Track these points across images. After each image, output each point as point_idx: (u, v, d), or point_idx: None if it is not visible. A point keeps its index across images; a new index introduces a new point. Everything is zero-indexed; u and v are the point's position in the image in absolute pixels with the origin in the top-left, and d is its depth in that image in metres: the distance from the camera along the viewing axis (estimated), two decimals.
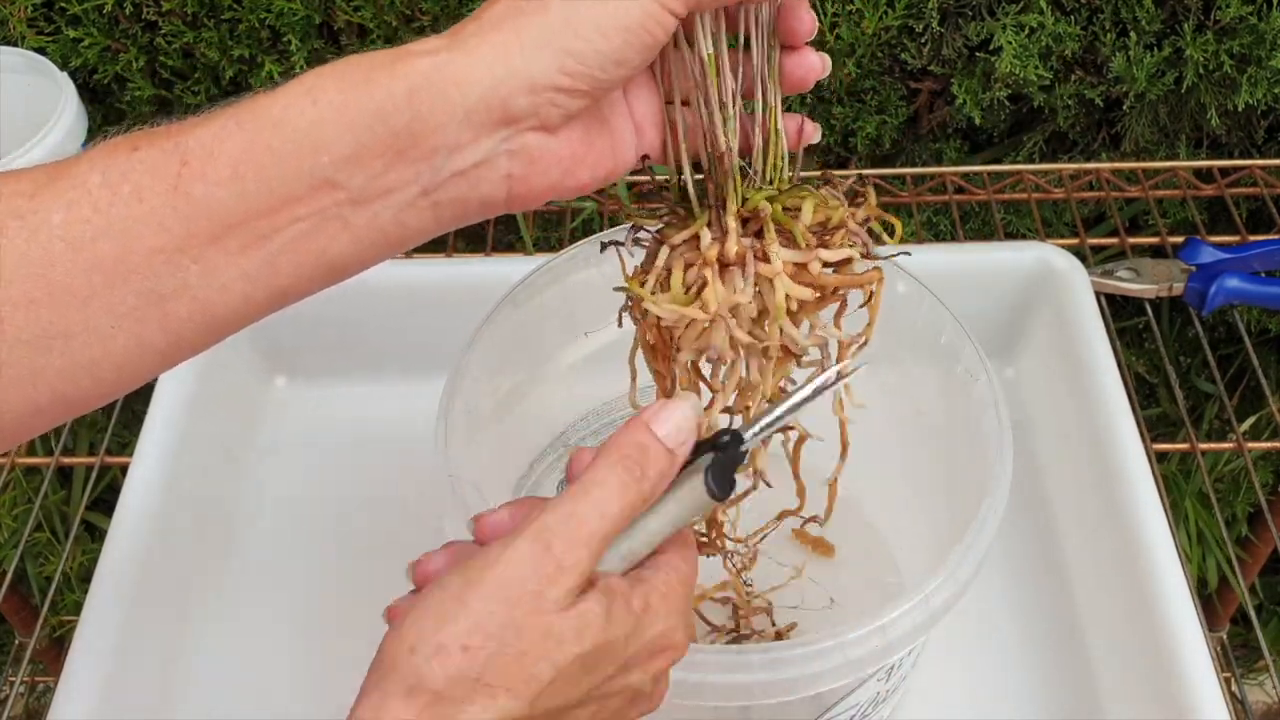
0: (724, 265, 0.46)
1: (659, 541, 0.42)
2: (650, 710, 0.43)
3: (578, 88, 0.40)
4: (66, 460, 0.83)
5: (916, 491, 0.68)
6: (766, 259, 0.46)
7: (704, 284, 0.46)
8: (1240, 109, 0.89)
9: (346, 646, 0.71)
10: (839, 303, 0.50)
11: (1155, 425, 1.10)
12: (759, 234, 0.46)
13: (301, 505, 0.78)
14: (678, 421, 0.42)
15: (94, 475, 0.81)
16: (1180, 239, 0.87)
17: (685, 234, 0.47)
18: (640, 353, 0.52)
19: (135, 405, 0.83)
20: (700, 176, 0.47)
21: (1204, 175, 0.95)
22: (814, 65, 0.47)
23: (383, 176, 0.39)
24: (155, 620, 0.68)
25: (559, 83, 0.40)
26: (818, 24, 0.47)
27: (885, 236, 0.51)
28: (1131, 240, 0.91)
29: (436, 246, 1.03)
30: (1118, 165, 0.94)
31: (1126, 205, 0.99)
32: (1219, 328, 1.05)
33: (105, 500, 1.06)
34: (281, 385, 0.85)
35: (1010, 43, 0.87)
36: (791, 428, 0.54)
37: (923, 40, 0.90)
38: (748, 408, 0.51)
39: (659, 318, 0.47)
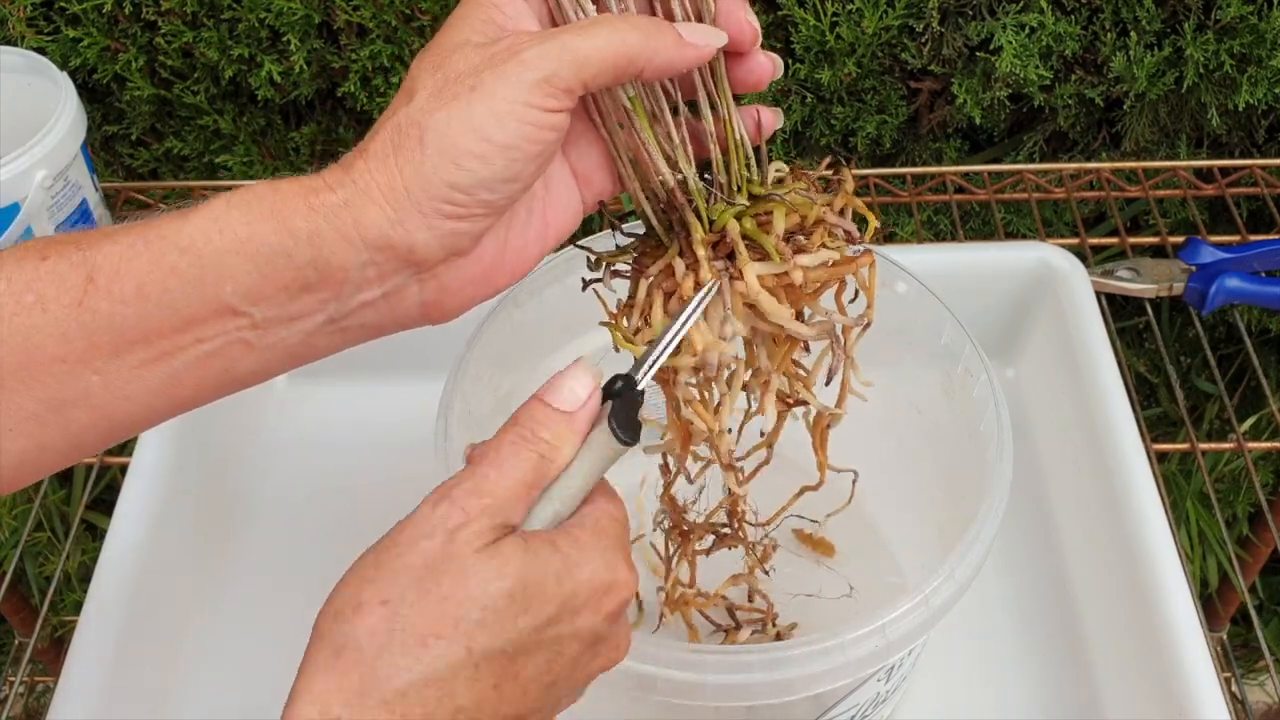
0: None
1: (581, 498, 0.42)
2: (618, 659, 0.43)
3: (475, 213, 0.40)
4: None
5: (916, 491, 0.68)
6: (743, 278, 0.45)
7: None
8: (1240, 109, 0.89)
9: None
10: (838, 283, 0.50)
11: (1155, 425, 1.10)
12: (732, 255, 0.46)
13: (301, 505, 0.78)
14: (569, 386, 0.42)
15: (94, 475, 0.81)
16: (1180, 239, 0.87)
17: (659, 265, 0.47)
18: None
19: None
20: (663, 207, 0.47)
21: (1204, 175, 0.95)
22: (763, 67, 0.46)
23: (287, 306, 0.39)
24: (155, 620, 0.68)
25: (454, 212, 0.39)
26: (758, 28, 0.46)
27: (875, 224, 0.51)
28: (1132, 240, 0.91)
29: None
30: (1118, 165, 0.94)
31: (1127, 205, 0.99)
32: (1219, 328, 1.05)
33: (105, 500, 1.06)
34: (281, 385, 0.85)
35: (1010, 42, 0.87)
36: (805, 402, 0.53)
37: (923, 40, 0.90)
38: (766, 393, 0.51)
39: None
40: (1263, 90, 0.88)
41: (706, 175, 0.47)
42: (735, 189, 0.47)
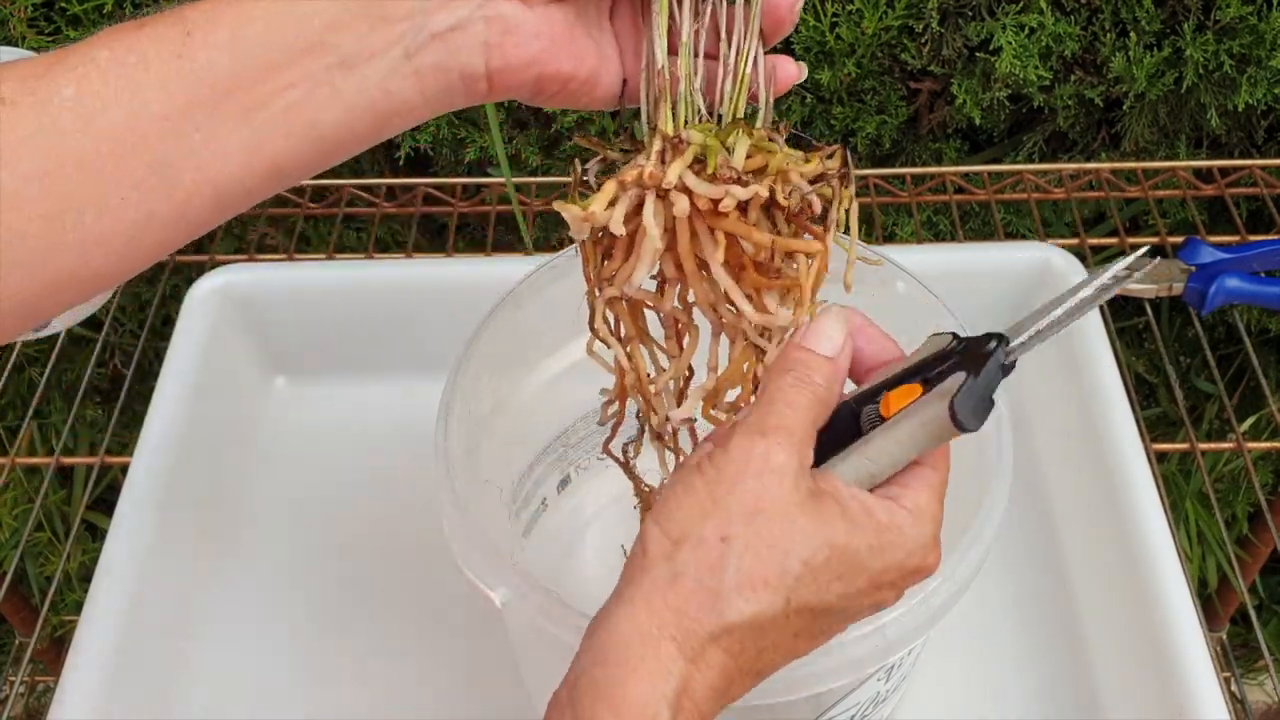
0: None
1: (900, 466, 0.43)
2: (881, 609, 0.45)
3: None
4: (67, 460, 0.83)
5: None
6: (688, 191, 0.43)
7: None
8: (1240, 109, 0.89)
9: (346, 645, 0.71)
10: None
11: (1155, 425, 1.10)
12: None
13: (301, 505, 0.78)
14: (827, 333, 0.44)
15: (94, 475, 0.81)
16: (1180, 239, 0.87)
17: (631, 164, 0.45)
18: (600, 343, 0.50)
19: (135, 405, 0.83)
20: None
21: (1204, 175, 0.95)
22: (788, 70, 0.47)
23: (367, 38, 0.41)
24: (155, 620, 0.68)
25: None
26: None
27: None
28: (1131, 240, 0.91)
29: (437, 247, 1.03)
30: (1118, 165, 0.94)
31: (1126, 205, 0.99)
32: (1219, 328, 1.05)
33: (105, 500, 1.06)
34: (281, 385, 0.85)
35: (1010, 43, 0.87)
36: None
37: (923, 40, 0.90)
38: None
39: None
40: (1262, 90, 0.88)
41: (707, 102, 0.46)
42: (730, 117, 0.46)
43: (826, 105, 0.94)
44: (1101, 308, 0.78)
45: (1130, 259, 0.44)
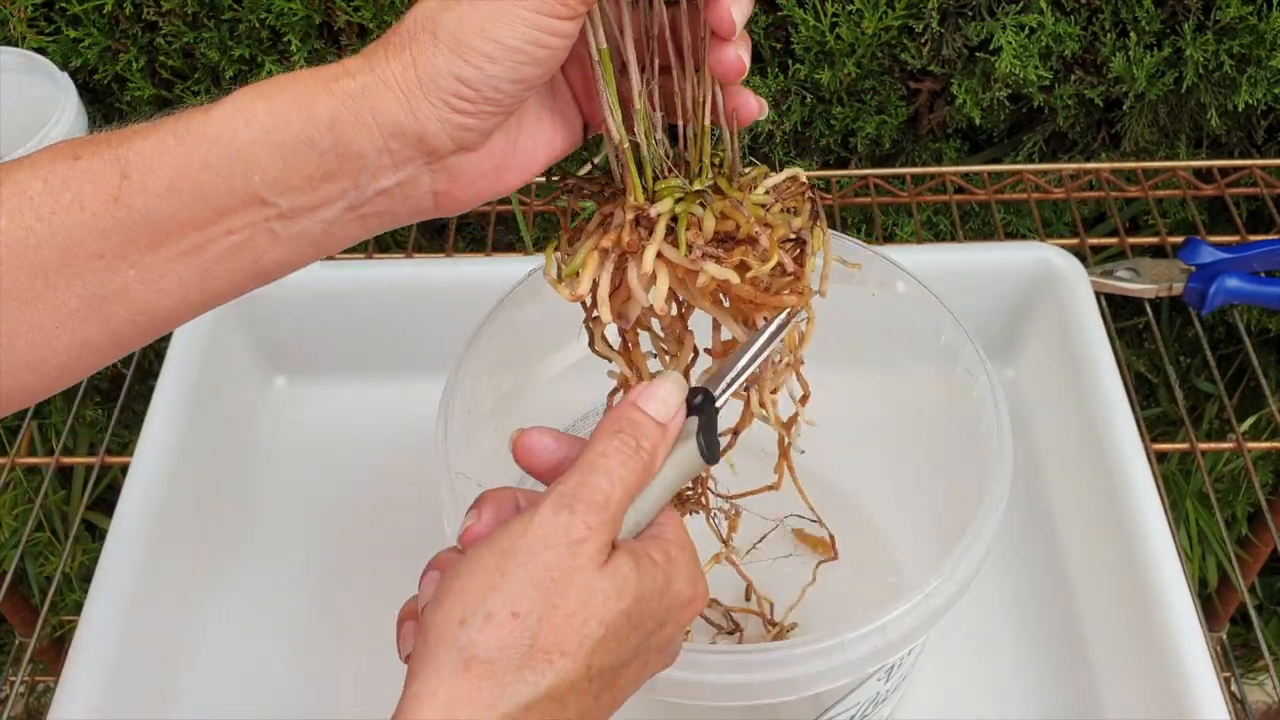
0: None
1: (659, 509, 0.43)
2: (670, 663, 0.45)
3: (483, 110, 0.41)
4: (67, 460, 0.83)
5: (916, 491, 0.68)
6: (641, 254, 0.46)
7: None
8: (1240, 109, 0.89)
9: (346, 645, 0.71)
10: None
11: (1155, 425, 1.10)
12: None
13: (301, 505, 0.78)
14: (662, 397, 0.43)
15: (94, 475, 0.81)
16: (1180, 239, 0.87)
17: (602, 212, 0.47)
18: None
19: (135, 405, 0.83)
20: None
21: (1204, 175, 0.95)
22: (749, 106, 0.46)
23: (310, 195, 0.41)
24: (155, 620, 0.68)
25: (461, 106, 0.40)
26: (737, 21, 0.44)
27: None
28: (1131, 240, 0.91)
29: (436, 246, 1.03)
30: (1118, 165, 0.94)
31: (1126, 205, 0.99)
32: (1219, 328, 1.05)
33: (105, 500, 1.06)
34: (281, 385, 0.85)
35: (1010, 43, 0.87)
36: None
37: (923, 40, 0.90)
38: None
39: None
40: (1262, 90, 0.88)
41: (672, 150, 0.47)
42: (699, 171, 0.47)
43: (826, 105, 0.94)
44: (1102, 308, 0.78)
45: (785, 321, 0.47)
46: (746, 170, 0.49)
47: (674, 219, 0.46)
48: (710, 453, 0.44)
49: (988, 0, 0.88)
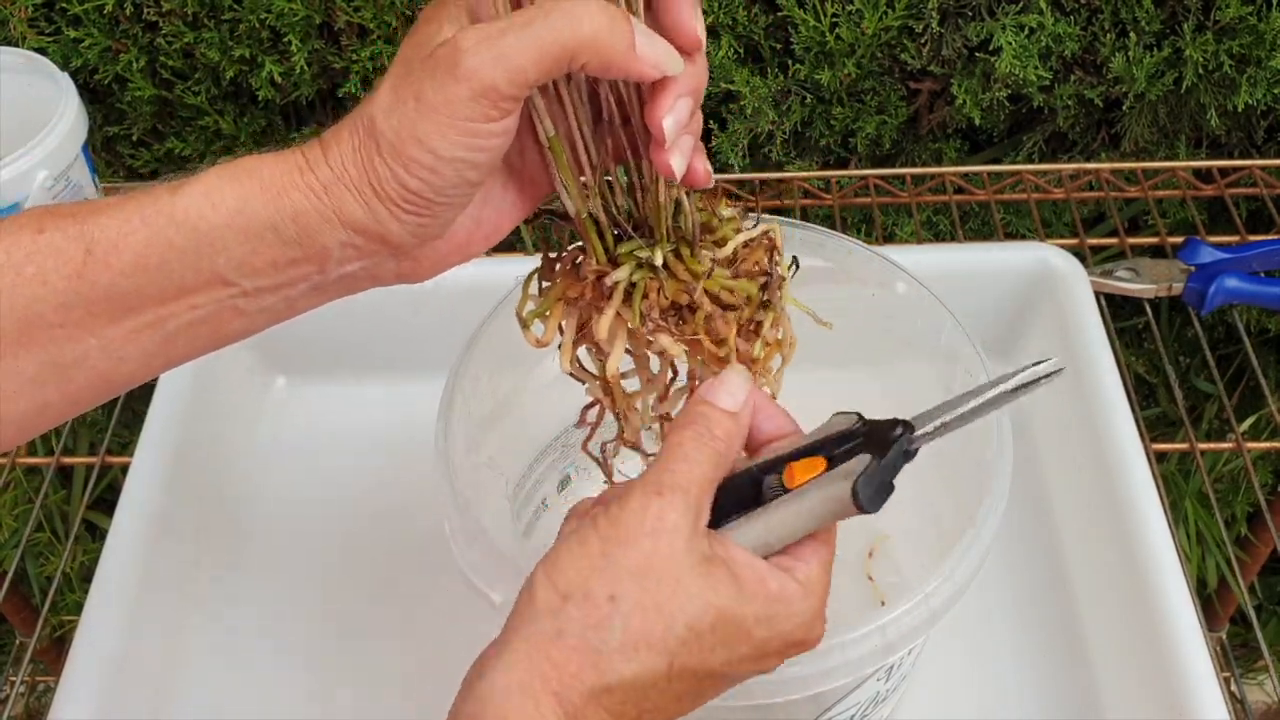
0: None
1: (797, 537, 0.43)
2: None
3: (437, 209, 0.41)
4: (67, 460, 0.83)
5: (916, 491, 0.68)
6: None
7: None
8: (1240, 109, 0.89)
9: (347, 644, 0.71)
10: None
11: (1155, 425, 1.10)
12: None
13: (301, 505, 0.78)
14: (730, 389, 0.44)
15: (94, 475, 0.81)
16: (1180, 239, 0.87)
17: (573, 253, 0.49)
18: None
19: (135, 405, 0.83)
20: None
21: (1204, 175, 0.95)
22: (696, 173, 0.45)
23: (274, 277, 0.41)
24: (156, 620, 0.68)
25: (416, 210, 0.40)
26: (703, 37, 0.43)
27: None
28: (1131, 240, 0.91)
29: None
30: (1117, 165, 0.94)
31: (1126, 205, 1.00)
32: (1218, 328, 1.05)
33: (106, 500, 1.06)
34: (281, 385, 0.85)
35: (1010, 43, 0.87)
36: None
37: (923, 40, 0.90)
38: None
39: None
40: (1262, 91, 0.88)
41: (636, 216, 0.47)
42: (662, 236, 0.47)
43: (826, 105, 0.94)
44: (1101, 308, 0.78)
45: (1048, 368, 0.44)
46: (722, 219, 0.49)
47: (632, 286, 0.47)
48: (867, 498, 0.41)
49: (988, 0, 0.88)
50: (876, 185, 0.94)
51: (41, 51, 0.89)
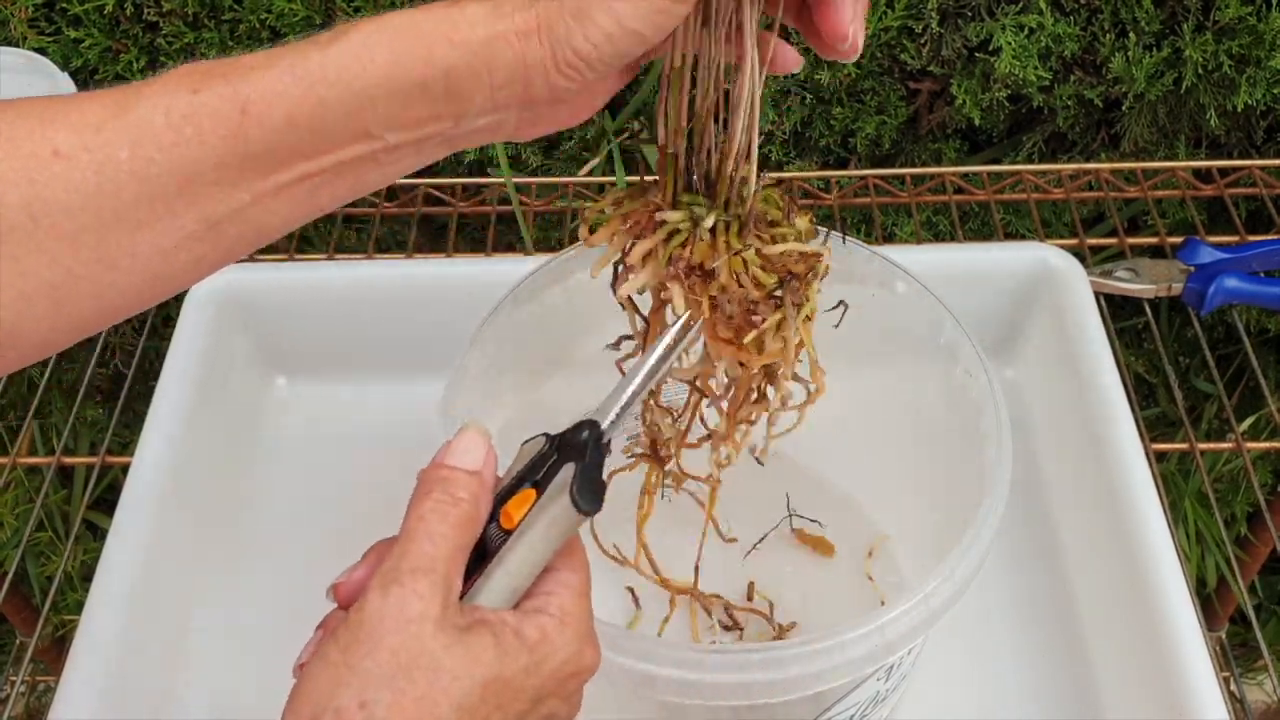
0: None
1: (539, 570, 0.42)
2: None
3: (586, 77, 0.42)
4: (68, 460, 0.83)
5: (916, 491, 0.68)
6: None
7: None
8: (1239, 109, 0.89)
9: None
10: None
11: (1154, 425, 1.10)
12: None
13: (302, 505, 0.78)
14: (465, 449, 0.44)
15: (95, 475, 0.81)
16: (1179, 239, 0.87)
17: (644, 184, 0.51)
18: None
19: (136, 405, 0.83)
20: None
21: (1203, 175, 0.95)
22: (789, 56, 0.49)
23: (415, 132, 0.42)
24: (156, 620, 0.68)
25: (571, 74, 0.42)
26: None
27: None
28: (1131, 240, 0.91)
29: (437, 247, 1.03)
30: (1117, 165, 0.94)
31: (1125, 205, 1.00)
32: (1218, 328, 1.06)
33: (106, 500, 1.06)
34: (281, 385, 0.85)
35: (1009, 43, 0.87)
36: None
37: (922, 41, 0.90)
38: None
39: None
40: (1261, 91, 0.88)
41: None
42: (722, 204, 0.49)
43: (826, 105, 0.94)
44: (1101, 308, 0.78)
45: (684, 320, 0.48)
46: (791, 223, 0.51)
47: (674, 233, 0.49)
48: (586, 501, 0.42)
49: (987, 0, 0.88)
50: (876, 185, 0.94)
51: (41, 51, 0.89)
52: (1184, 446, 0.81)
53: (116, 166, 0.39)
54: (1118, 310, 1.01)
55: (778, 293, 0.49)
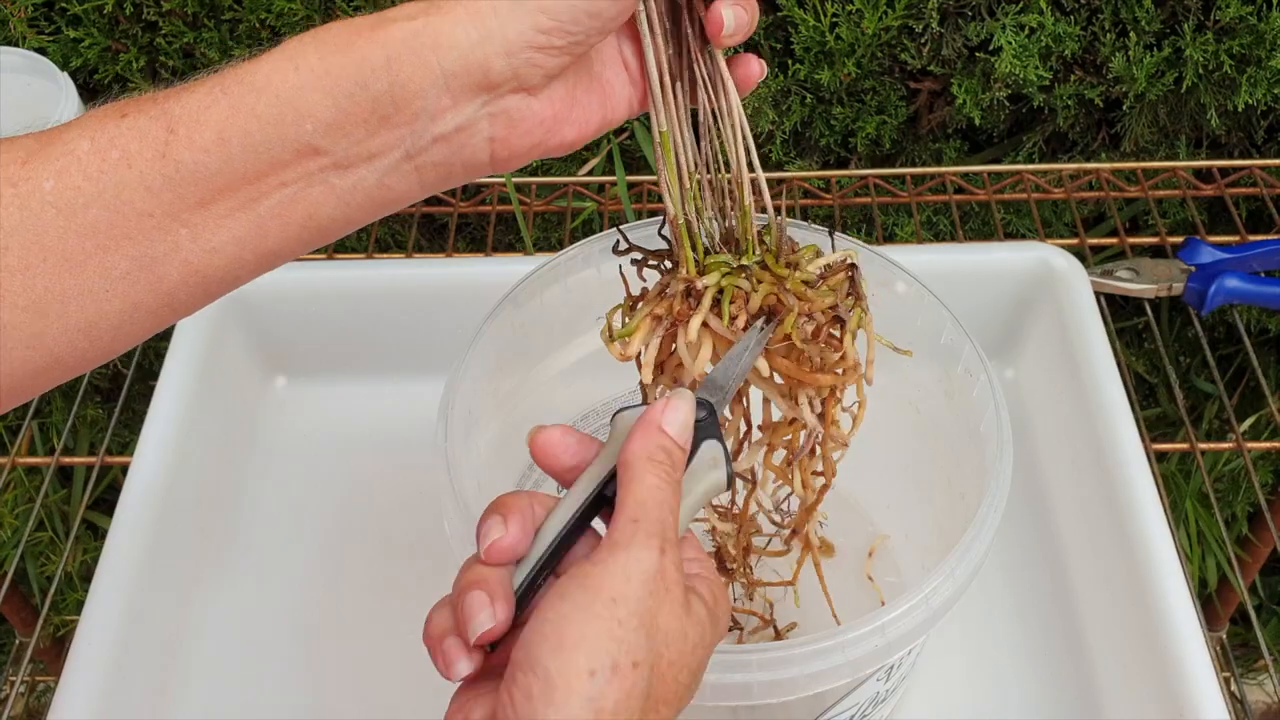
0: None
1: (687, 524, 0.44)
2: None
3: (554, 44, 0.40)
4: (67, 460, 0.83)
5: (916, 491, 0.68)
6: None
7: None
8: (1240, 109, 0.89)
9: (347, 646, 0.71)
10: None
11: (1155, 425, 1.10)
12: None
13: (301, 505, 0.78)
14: (683, 420, 0.43)
15: (95, 475, 0.81)
16: (1180, 239, 0.87)
17: (661, 283, 0.51)
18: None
19: (135, 405, 0.83)
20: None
21: (1204, 175, 0.95)
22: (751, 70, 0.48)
23: (365, 142, 0.40)
24: (155, 620, 0.68)
25: (535, 41, 0.40)
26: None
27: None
28: (1131, 240, 0.91)
29: (437, 247, 1.03)
30: (1117, 165, 0.94)
31: (1126, 205, 1.00)
32: (1218, 328, 1.05)
33: (106, 500, 1.06)
34: (281, 385, 0.85)
35: (1010, 43, 0.87)
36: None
37: (923, 40, 0.90)
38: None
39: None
40: (1262, 91, 0.88)
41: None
42: (746, 248, 0.50)
43: (826, 105, 0.94)
44: (1101, 308, 0.78)
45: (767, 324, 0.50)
46: (800, 249, 0.52)
47: (720, 292, 0.49)
48: (731, 480, 0.45)
49: (988, 0, 0.88)
50: (876, 185, 0.94)
51: (41, 51, 0.89)
52: (1185, 446, 0.81)
53: (41, 199, 0.37)
54: (1118, 310, 1.01)
55: (835, 306, 0.50)
